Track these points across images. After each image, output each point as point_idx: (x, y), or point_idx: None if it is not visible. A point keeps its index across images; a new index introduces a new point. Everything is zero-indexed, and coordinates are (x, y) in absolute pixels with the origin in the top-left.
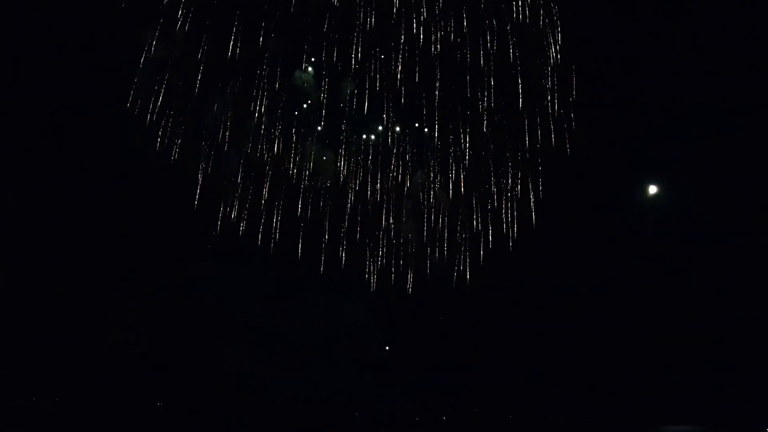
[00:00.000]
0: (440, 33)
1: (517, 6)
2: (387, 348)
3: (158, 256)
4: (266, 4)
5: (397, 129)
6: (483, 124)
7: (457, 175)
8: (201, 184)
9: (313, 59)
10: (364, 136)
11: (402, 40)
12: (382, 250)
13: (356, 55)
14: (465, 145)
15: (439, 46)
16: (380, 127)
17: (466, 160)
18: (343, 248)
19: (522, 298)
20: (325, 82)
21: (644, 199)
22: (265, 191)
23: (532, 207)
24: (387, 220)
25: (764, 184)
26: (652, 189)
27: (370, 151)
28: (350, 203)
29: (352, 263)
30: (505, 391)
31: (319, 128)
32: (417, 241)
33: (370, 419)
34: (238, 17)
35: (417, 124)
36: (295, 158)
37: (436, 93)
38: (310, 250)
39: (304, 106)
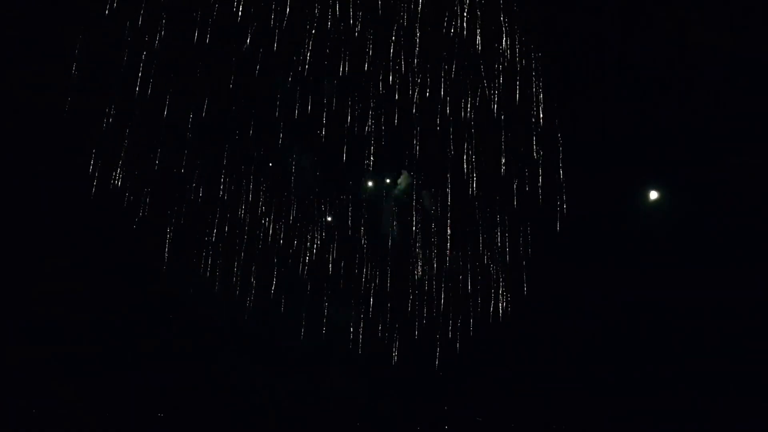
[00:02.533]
0: (417, 88)
1: (498, 66)
2: None
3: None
4: (233, 59)
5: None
6: (468, 187)
7: (442, 237)
8: (169, 246)
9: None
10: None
11: (379, 91)
12: (367, 311)
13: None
14: (448, 206)
15: (417, 99)
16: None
17: (449, 222)
18: (325, 315)
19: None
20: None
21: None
22: (240, 254)
23: (524, 266)
24: (370, 282)
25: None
26: (653, 195)
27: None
28: (332, 260)
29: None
30: (507, 399)
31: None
32: (403, 305)
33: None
34: (202, 73)
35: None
36: (270, 214)
37: (416, 150)
38: (288, 316)
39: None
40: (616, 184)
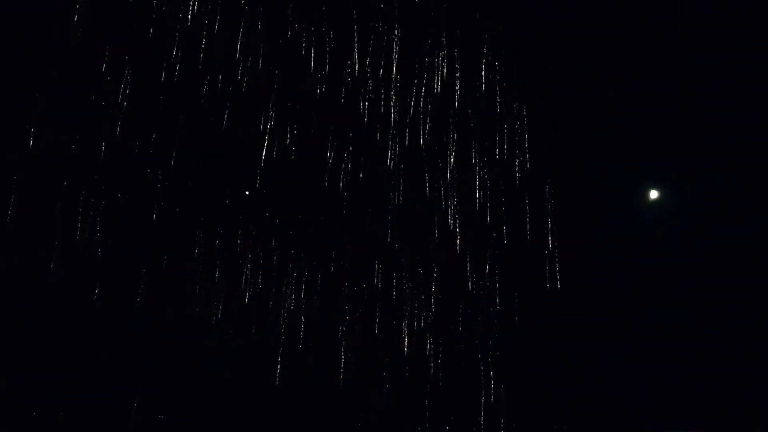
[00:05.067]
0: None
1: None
2: None
3: None
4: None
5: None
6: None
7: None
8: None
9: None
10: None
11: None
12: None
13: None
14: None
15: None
16: None
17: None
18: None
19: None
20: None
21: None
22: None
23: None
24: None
25: None
26: (654, 194)
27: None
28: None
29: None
30: (509, 402)
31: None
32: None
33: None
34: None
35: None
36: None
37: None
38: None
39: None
40: (614, 186)
